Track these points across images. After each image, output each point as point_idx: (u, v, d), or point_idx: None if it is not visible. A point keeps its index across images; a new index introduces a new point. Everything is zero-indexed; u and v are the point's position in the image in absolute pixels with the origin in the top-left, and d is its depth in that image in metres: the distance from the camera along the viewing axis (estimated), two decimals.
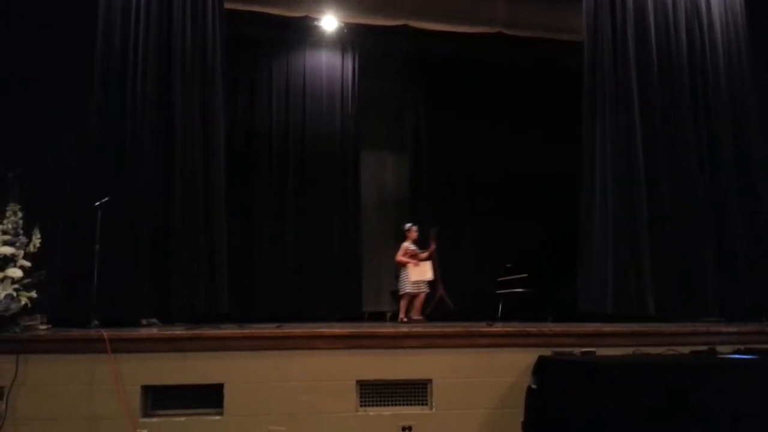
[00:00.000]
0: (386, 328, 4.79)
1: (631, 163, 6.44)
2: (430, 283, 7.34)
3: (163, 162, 5.97)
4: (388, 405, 4.08)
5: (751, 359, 3.97)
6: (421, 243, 7.64)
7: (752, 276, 6.46)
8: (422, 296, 7.20)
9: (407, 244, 7.31)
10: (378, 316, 9.38)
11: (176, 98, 6.07)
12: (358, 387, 4.06)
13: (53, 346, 3.91)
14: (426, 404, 4.12)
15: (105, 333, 3.89)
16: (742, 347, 4.29)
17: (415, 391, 4.13)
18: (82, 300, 5.11)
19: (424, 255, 7.33)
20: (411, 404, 4.11)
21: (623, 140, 6.51)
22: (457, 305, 8.72)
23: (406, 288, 7.16)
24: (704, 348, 4.27)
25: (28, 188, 4.65)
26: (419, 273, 7.16)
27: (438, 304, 6.74)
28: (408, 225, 7.45)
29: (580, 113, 6.81)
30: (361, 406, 4.05)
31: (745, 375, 3.78)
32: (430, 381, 4.12)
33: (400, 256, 7.28)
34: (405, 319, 7.08)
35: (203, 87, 6.18)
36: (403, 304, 7.20)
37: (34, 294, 4.25)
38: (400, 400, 4.11)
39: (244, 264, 8.50)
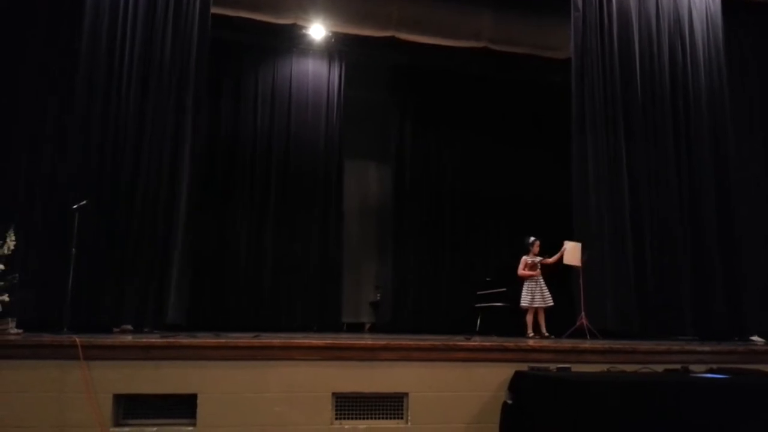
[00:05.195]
0: (364, 340, 4.76)
1: (618, 181, 6.62)
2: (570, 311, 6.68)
3: (134, 169, 5.93)
4: (364, 418, 4.06)
5: (723, 379, 4.01)
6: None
7: (728, 294, 6.62)
8: (543, 311, 6.77)
9: (527, 258, 6.92)
10: (357, 327, 9.36)
11: (150, 106, 6.03)
12: (333, 399, 4.04)
13: (24, 352, 3.83)
14: (401, 418, 4.10)
15: (77, 339, 3.83)
16: (714, 366, 4.34)
17: (391, 405, 4.11)
18: (55, 305, 5.03)
19: (551, 260, 6.81)
20: (386, 417, 4.09)
21: (610, 158, 6.66)
22: (436, 318, 8.70)
23: (534, 302, 6.74)
24: (678, 366, 4.32)
25: (3, 190, 4.59)
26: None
27: (576, 331, 6.15)
28: (531, 239, 6.99)
29: (564, 128, 6.88)
30: (336, 418, 4.02)
31: (717, 394, 3.82)
32: (406, 394, 4.11)
33: (521, 270, 6.92)
34: (532, 334, 6.63)
35: (177, 96, 6.13)
36: (529, 318, 6.75)
37: (6, 297, 4.19)
38: (375, 414, 4.08)
39: (222, 272, 8.44)
